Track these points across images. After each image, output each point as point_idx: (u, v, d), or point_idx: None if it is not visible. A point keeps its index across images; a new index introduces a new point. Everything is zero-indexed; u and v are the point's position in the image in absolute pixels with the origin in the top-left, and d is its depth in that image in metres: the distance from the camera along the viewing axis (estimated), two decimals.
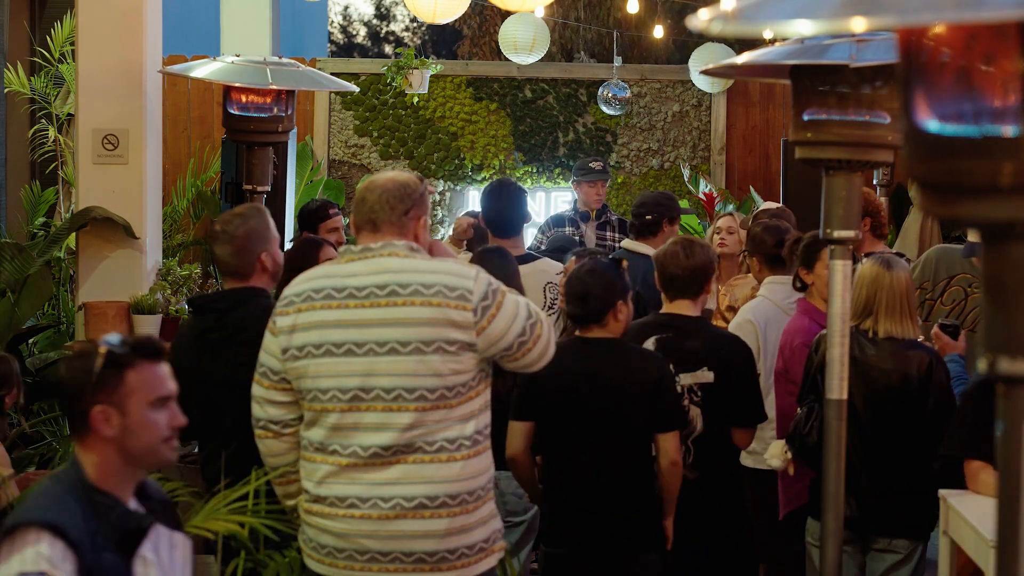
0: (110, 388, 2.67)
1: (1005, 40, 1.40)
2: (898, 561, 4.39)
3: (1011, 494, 1.54)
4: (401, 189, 3.45)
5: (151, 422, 2.69)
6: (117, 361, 2.68)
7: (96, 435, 2.68)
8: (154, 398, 2.70)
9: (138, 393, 2.68)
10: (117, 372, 2.67)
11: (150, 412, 2.69)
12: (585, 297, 4.22)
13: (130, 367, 2.68)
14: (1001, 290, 1.51)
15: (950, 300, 5.47)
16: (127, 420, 2.67)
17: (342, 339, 3.36)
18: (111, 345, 2.69)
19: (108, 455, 2.69)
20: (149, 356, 2.72)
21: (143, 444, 2.70)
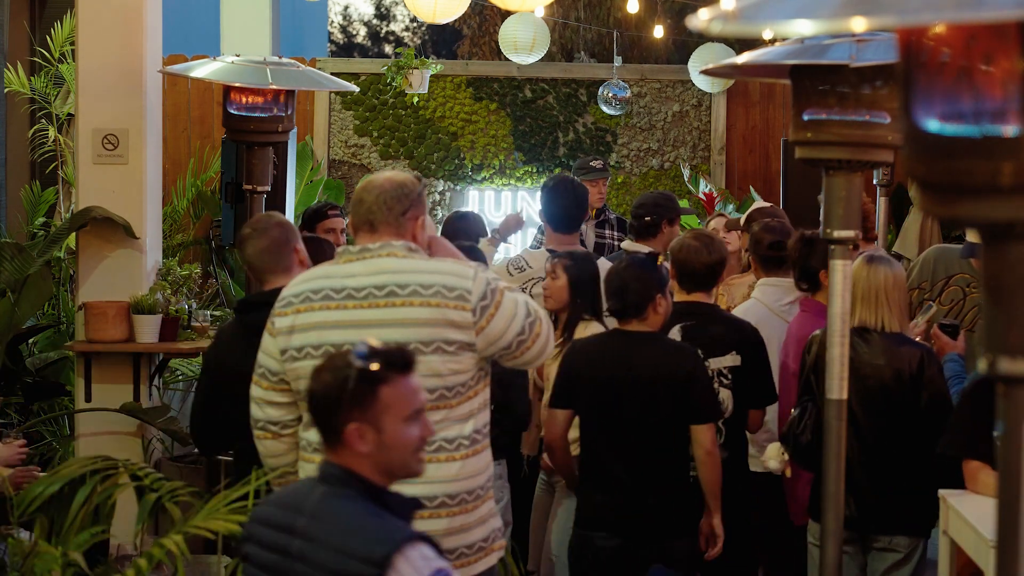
0: (364, 405, 2.60)
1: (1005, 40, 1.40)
2: (898, 560, 4.39)
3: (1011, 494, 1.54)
4: (398, 189, 3.44)
5: (405, 437, 2.64)
6: (371, 378, 2.60)
7: (350, 451, 2.63)
8: (409, 413, 2.64)
9: (393, 409, 2.62)
10: (371, 389, 2.60)
11: (405, 427, 2.63)
12: (623, 291, 4.41)
13: (384, 383, 2.61)
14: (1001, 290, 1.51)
15: (948, 300, 5.46)
16: (383, 436, 2.62)
17: (341, 340, 3.35)
18: (364, 360, 2.61)
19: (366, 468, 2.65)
20: (402, 369, 2.64)
21: (396, 458, 2.65)
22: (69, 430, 6.98)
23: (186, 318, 6.56)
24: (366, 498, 2.62)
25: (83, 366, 6.40)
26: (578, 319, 4.97)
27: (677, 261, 4.80)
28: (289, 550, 2.61)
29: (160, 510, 3.93)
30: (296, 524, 2.63)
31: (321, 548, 2.57)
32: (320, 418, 2.67)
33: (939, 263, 5.54)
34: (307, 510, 2.64)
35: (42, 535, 3.97)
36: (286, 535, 2.63)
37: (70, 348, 6.58)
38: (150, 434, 6.47)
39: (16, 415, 6.89)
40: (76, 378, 6.54)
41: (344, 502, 2.62)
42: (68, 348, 6.70)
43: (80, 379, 6.43)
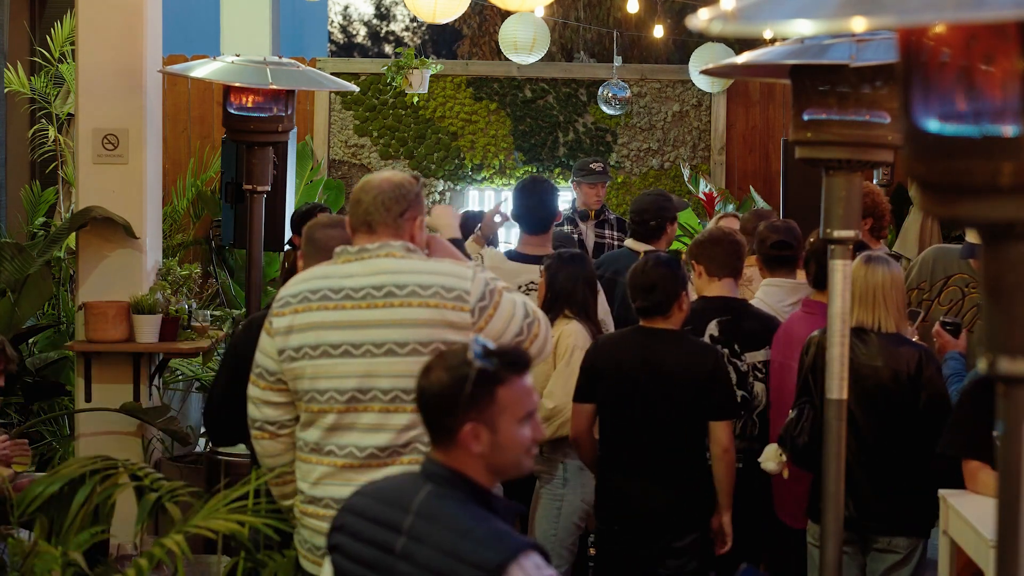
0: (481, 406, 2.58)
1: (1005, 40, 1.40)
2: (898, 561, 4.39)
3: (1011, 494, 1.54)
4: (396, 190, 3.43)
5: (519, 438, 2.62)
6: (490, 378, 2.59)
7: (463, 451, 2.61)
8: (523, 414, 2.62)
9: (509, 410, 2.60)
10: (489, 389, 2.58)
11: (519, 428, 2.62)
12: (652, 289, 4.51)
13: (501, 383, 2.59)
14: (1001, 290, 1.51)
15: (947, 300, 5.46)
16: (497, 437, 2.60)
17: (339, 340, 3.35)
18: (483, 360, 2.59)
19: (475, 467, 2.63)
20: (519, 370, 2.63)
21: (509, 459, 2.63)
22: (69, 430, 6.98)
23: (186, 318, 6.56)
24: (474, 501, 2.60)
25: (83, 366, 6.40)
26: (556, 316, 4.96)
27: (705, 247, 5.03)
28: (392, 547, 2.58)
29: (160, 510, 3.93)
30: (403, 522, 2.59)
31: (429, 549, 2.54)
32: (433, 417, 2.64)
33: (938, 263, 5.53)
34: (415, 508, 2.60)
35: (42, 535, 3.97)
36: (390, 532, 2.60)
37: (70, 348, 6.58)
38: (150, 434, 6.47)
39: (16, 415, 6.89)
40: (76, 378, 6.54)
41: (453, 504, 2.59)
42: (68, 348, 6.70)
43: (80, 379, 6.43)
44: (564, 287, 4.98)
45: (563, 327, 4.96)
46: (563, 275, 4.99)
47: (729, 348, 4.94)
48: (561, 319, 4.99)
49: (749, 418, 4.88)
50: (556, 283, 4.99)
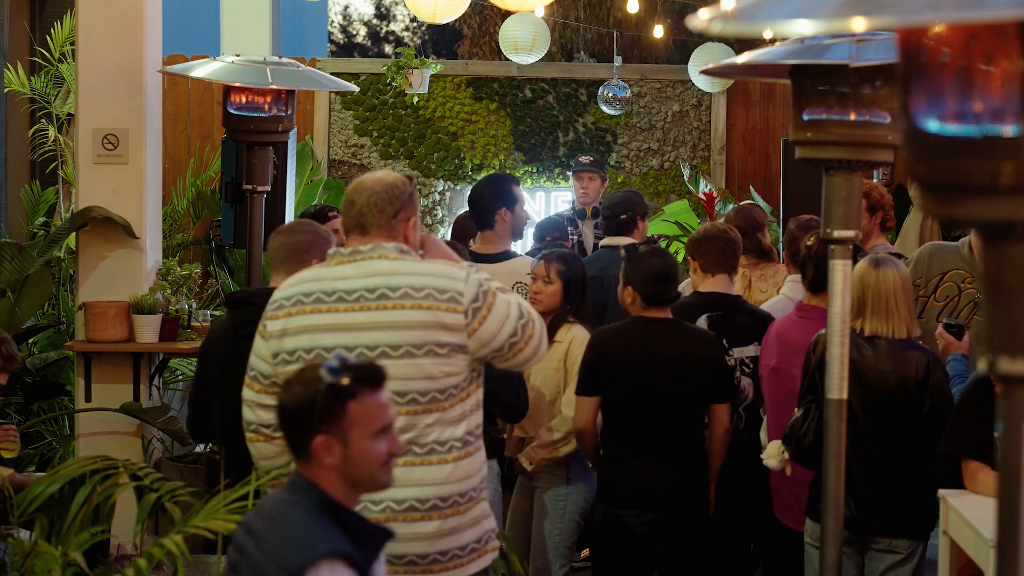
0: (332, 419, 2.63)
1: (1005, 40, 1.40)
2: (897, 561, 4.38)
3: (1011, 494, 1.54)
4: (389, 191, 3.41)
5: (372, 452, 2.67)
6: (340, 393, 2.64)
7: (317, 463, 2.67)
8: (376, 429, 2.67)
9: (361, 424, 2.65)
10: (340, 404, 2.63)
11: (372, 442, 2.66)
12: (668, 279, 4.69)
13: (353, 399, 2.64)
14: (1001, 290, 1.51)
15: (943, 296, 5.46)
16: (349, 450, 2.65)
17: (332, 343, 3.34)
18: (334, 375, 2.64)
19: (332, 479, 2.68)
20: (372, 384, 2.67)
21: (364, 472, 2.68)
22: (69, 430, 6.98)
23: (186, 318, 6.56)
24: (321, 510, 2.65)
25: (83, 366, 6.40)
26: (562, 322, 4.97)
27: (700, 244, 5.15)
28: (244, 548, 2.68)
29: (160, 510, 3.93)
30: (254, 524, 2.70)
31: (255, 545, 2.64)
32: (289, 430, 2.71)
33: (934, 259, 5.53)
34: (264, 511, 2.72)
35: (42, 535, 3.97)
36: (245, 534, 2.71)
37: (70, 348, 6.58)
38: (150, 434, 6.47)
39: (16, 415, 6.89)
40: (76, 378, 6.54)
41: (296, 509, 2.67)
42: (68, 348, 6.70)
43: (80, 379, 6.43)
44: (578, 292, 5.00)
45: (570, 333, 4.95)
46: (576, 279, 4.99)
47: None
48: (564, 324, 4.98)
49: (735, 411, 4.98)
50: (573, 288, 4.98)
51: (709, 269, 5.13)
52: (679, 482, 4.65)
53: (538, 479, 5.07)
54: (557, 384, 4.96)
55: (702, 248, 5.16)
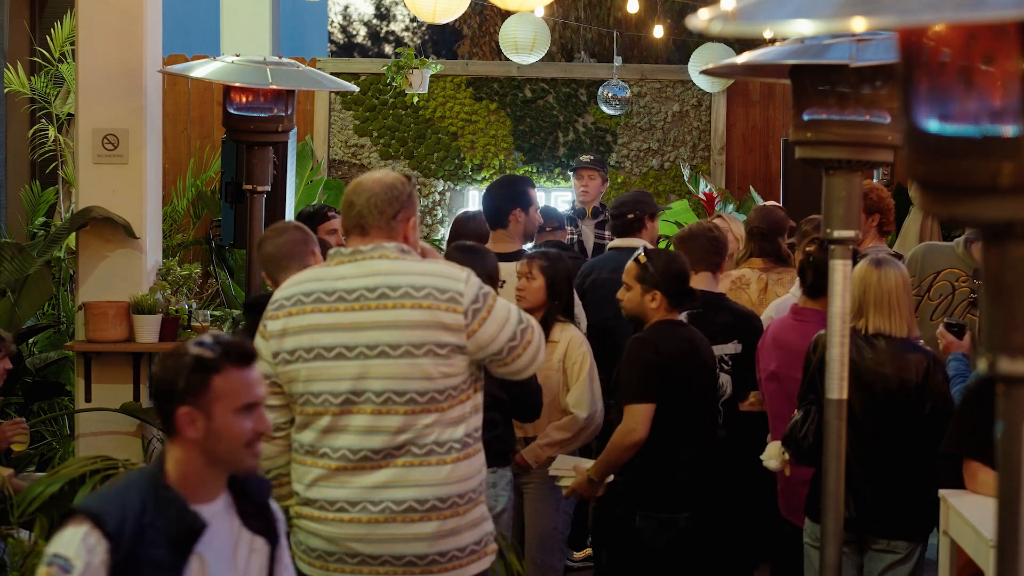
0: (197, 392, 2.66)
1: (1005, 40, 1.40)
2: (896, 561, 4.38)
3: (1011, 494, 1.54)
4: (388, 192, 3.41)
5: (235, 428, 2.69)
6: (205, 366, 2.67)
7: (181, 436, 2.69)
8: (240, 405, 2.69)
9: (224, 399, 2.67)
10: (204, 377, 2.66)
11: (235, 418, 2.68)
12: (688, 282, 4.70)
13: (218, 372, 2.67)
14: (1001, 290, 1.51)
15: (937, 295, 5.46)
16: (212, 424, 2.67)
17: (332, 343, 3.34)
18: (201, 349, 2.69)
19: (191, 455, 2.71)
20: (239, 361, 2.70)
21: (225, 448, 2.70)
22: (69, 430, 6.98)
23: (186, 318, 6.56)
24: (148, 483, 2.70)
25: (83, 366, 6.40)
26: (554, 320, 4.97)
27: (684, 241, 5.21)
28: None
29: None
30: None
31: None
32: (158, 403, 2.75)
33: (927, 259, 5.54)
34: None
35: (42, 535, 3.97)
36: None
37: (70, 348, 6.58)
38: (150, 434, 6.47)
39: (16, 415, 6.89)
40: (76, 378, 6.54)
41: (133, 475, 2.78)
42: (68, 348, 6.70)
43: (80, 379, 6.43)
44: (564, 288, 4.99)
45: (564, 333, 4.95)
46: (561, 276, 4.99)
47: None
48: (557, 324, 4.98)
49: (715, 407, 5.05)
50: (557, 284, 4.98)
51: (693, 266, 5.05)
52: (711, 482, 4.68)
53: (528, 475, 5.06)
54: (557, 384, 4.96)
55: (687, 245, 5.21)
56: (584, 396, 4.90)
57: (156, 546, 2.65)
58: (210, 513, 2.74)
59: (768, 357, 4.93)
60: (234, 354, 2.70)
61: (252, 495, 2.83)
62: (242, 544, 2.79)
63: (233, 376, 2.68)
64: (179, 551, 2.67)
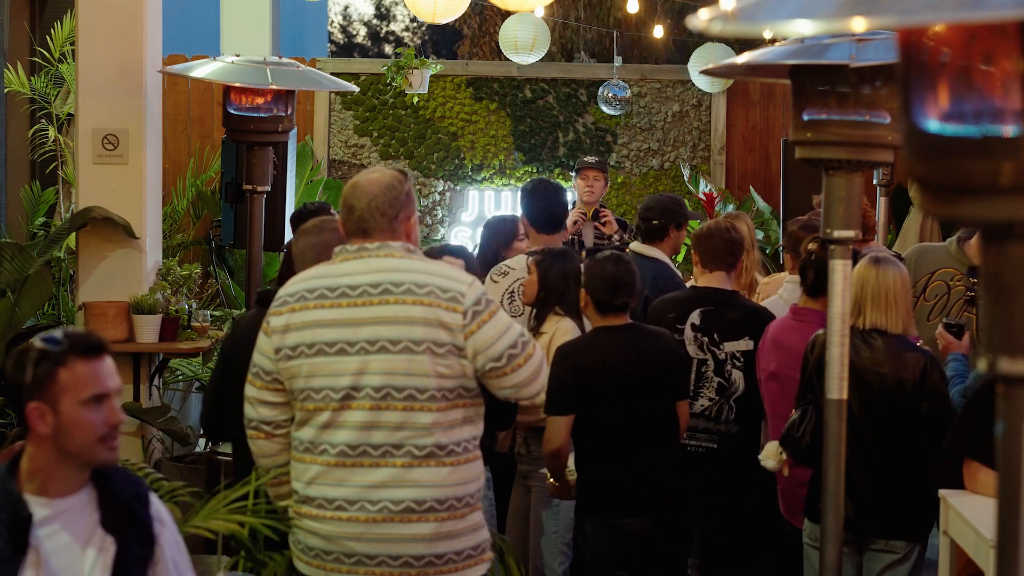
0: (43, 386, 2.65)
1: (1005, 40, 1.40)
2: (895, 560, 4.38)
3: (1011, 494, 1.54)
4: (388, 193, 3.41)
5: (84, 421, 2.67)
6: (49, 359, 2.65)
7: (33, 431, 2.68)
8: (87, 396, 2.67)
9: (70, 391, 2.65)
10: (50, 370, 2.65)
11: (83, 411, 2.66)
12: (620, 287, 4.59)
13: (62, 365, 2.65)
14: (1001, 290, 1.51)
15: (932, 295, 5.46)
16: (60, 418, 2.65)
17: (334, 338, 3.35)
18: (45, 342, 2.67)
19: (44, 450, 2.69)
20: (84, 353, 2.68)
21: (77, 442, 2.68)
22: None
23: (186, 318, 6.56)
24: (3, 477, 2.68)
25: None
26: (546, 313, 5.00)
27: (701, 240, 5.20)
28: None
29: None
30: None
31: None
32: (8, 400, 2.78)
33: (921, 260, 5.53)
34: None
35: None
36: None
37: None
38: (150, 434, 6.47)
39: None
40: None
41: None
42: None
43: None
44: (556, 283, 5.01)
45: (557, 325, 4.97)
46: (556, 271, 5.01)
47: (708, 336, 5.11)
48: (552, 316, 5.01)
49: (727, 403, 5.07)
50: (549, 279, 5.01)
51: (707, 265, 5.19)
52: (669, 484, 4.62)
53: (532, 478, 5.08)
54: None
55: (703, 243, 5.23)
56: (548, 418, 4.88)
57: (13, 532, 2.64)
58: (62, 507, 2.71)
59: (768, 357, 4.93)
60: (79, 346, 2.68)
61: (116, 491, 2.79)
62: (94, 541, 2.74)
63: (79, 368, 2.66)
64: (14, 542, 2.65)
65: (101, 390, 2.70)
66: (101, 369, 2.71)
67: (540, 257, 5.09)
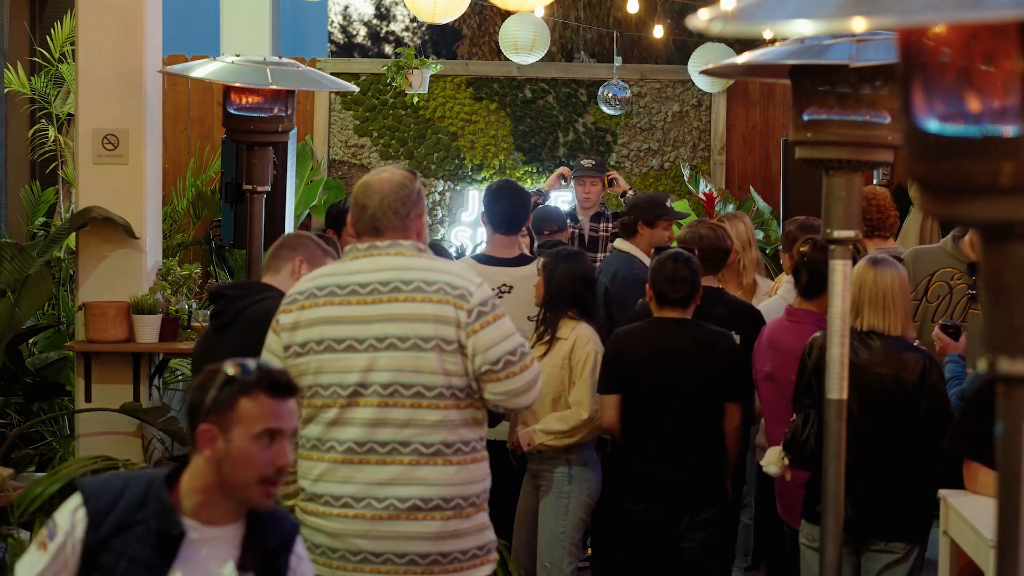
0: (222, 410, 2.65)
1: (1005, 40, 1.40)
2: (894, 561, 4.38)
3: (1011, 494, 1.54)
4: (400, 192, 3.45)
5: (252, 454, 2.65)
6: (235, 385, 2.66)
7: (201, 452, 2.68)
8: (260, 429, 2.65)
9: (246, 422, 2.64)
10: (233, 396, 2.65)
11: (253, 444, 2.65)
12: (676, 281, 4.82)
13: (246, 394, 2.65)
14: (1001, 290, 1.51)
15: (935, 296, 5.45)
16: (229, 446, 2.65)
17: (343, 335, 3.36)
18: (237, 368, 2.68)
19: (207, 474, 2.69)
20: (270, 389, 2.67)
21: (240, 475, 2.66)
22: (69, 430, 6.98)
23: (186, 318, 6.56)
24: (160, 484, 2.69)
25: (83, 366, 6.40)
26: (559, 317, 4.98)
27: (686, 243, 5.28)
28: None
29: None
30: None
31: None
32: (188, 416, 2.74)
33: (919, 262, 5.52)
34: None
35: None
36: None
37: (70, 348, 6.58)
38: (150, 434, 6.47)
39: (16, 415, 6.89)
40: (76, 378, 6.54)
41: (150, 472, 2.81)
42: (68, 348, 6.70)
43: (80, 379, 6.43)
44: (563, 285, 4.99)
45: (575, 331, 4.96)
46: (561, 273, 5.00)
47: None
48: (567, 320, 4.99)
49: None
50: (554, 281, 5.00)
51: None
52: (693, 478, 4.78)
53: (542, 477, 5.07)
54: (561, 381, 4.97)
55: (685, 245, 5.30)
56: (586, 395, 4.92)
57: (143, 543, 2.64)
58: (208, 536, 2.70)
59: (763, 358, 4.94)
60: (268, 380, 2.67)
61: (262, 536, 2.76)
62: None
63: (262, 402, 2.65)
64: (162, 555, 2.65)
65: (276, 425, 2.67)
66: (283, 408, 2.69)
67: (547, 259, 5.10)
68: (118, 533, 2.64)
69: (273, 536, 2.77)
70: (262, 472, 2.66)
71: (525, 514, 5.21)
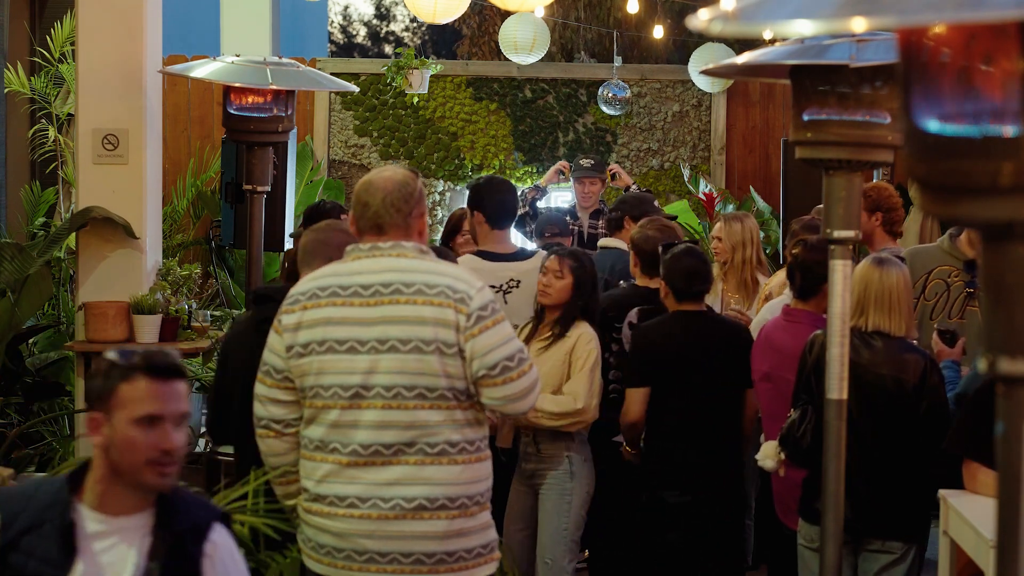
0: (104, 397, 2.65)
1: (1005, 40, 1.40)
2: (892, 561, 4.37)
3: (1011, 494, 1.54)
4: (402, 190, 3.45)
5: (133, 439, 2.63)
6: (117, 371, 2.66)
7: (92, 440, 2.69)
8: (140, 415, 2.63)
9: (127, 407, 2.63)
10: (114, 383, 2.65)
11: (133, 429, 2.63)
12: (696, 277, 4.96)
13: (125, 380, 2.64)
14: (1001, 290, 1.51)
15: (932, 294, 5.44)
16: (113, 432, 2.64)
17: (345, 336, 3.36)
18: (118, 355, 2.68)
19: (102, 464, 2.69)
20: (151, 372, 2.65)
21: (126, 461, 2.65)
22: (69, 430, 6.98)
23: (186, 318, 6.56)
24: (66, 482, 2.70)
25: (83, 366, 6.40)
26: (573, 319, 4.99)
27: (637, 248, 5.41)
28: None
29: None
30: None
31: None
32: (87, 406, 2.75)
33: (915, 261, 5.51)
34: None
35: None
36: None
37: (70, 348, 6.58)
38: None
39: (16, 415, 6.89)
40: (76, 378, 6.54)
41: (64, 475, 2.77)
42: (68, 348, 6.70)
43: (80, 379, 6.43)
44: (588, 289, 5.03)
45: (578, 330, 4.98)
46: (589, 278, 5.04)
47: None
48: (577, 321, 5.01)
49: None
50: (584, 284, 5.00)
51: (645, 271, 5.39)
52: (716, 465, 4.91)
53: (540, 476, 5.07)
54: (560, 378, 4.98)
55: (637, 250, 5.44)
56: (582, 388, 4.92)
57: (49, 540, 2.64)
58: (119, 526, 2.69)
59: (761, 358, 4.94)
60: (148, 364, 2.66)
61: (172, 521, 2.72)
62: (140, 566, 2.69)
63: (141, 385, 2.64)
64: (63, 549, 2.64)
65: (156, 411, 2.65)
66: (166, 391, 2.66)
67: (575, 263, 5.04)
68: (27, 533, 2.64)
69: (182, 521, 2.73)
70: (147, 455, 2.64)
71: (518, 514, 5.19)
